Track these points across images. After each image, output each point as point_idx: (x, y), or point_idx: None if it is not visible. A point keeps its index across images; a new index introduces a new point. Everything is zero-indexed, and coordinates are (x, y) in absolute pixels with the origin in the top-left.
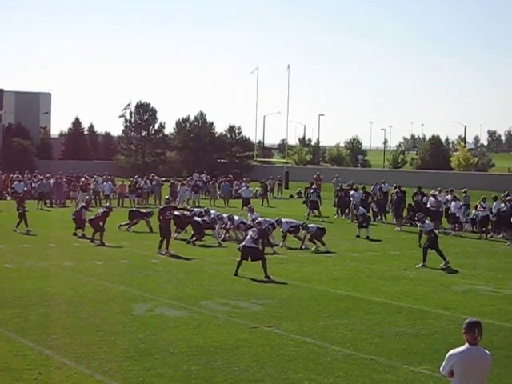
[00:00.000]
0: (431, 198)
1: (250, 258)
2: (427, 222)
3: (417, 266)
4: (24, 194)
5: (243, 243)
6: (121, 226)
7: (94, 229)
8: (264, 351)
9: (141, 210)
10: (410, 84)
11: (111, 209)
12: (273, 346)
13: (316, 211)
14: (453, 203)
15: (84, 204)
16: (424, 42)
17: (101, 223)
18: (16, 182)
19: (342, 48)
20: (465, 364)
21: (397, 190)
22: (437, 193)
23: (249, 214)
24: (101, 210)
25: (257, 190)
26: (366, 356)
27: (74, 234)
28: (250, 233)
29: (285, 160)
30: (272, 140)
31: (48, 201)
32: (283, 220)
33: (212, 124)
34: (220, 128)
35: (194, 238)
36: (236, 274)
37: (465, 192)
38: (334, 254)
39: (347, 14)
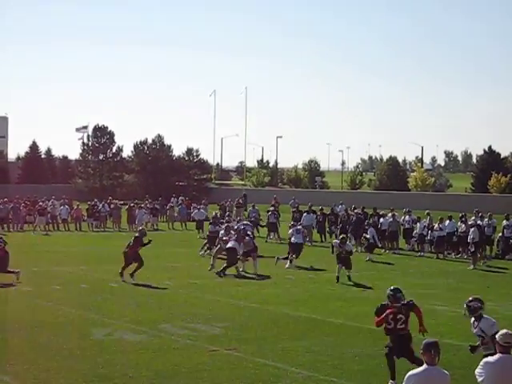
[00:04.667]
0: (390, 219)
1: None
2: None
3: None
4: None
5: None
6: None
7: (125, 261)
8: (223, 374)
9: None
10: (367, 105)
11: (144, 233)
12: (232, 369)
13: (275, 233)
14: (418, 224)
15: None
16: (379, 63)
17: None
18: None
19: (299, 70)
20: None
21: (356, 210)
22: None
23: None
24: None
25: (216, 213)
26: (325, 378)
27: None
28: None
29: (243, 182)
30: (230, 162)
31: (5, 225)
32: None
33: (170, 147)
34: (178, 151)
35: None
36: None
37: (428, 214)
38: (292, 276)
39: (303, 36)
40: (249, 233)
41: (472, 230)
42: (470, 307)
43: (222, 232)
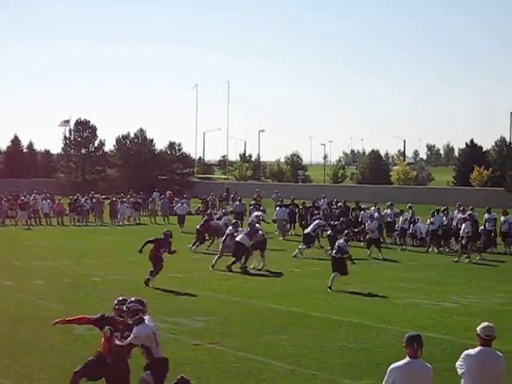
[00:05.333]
0: (375, 213)
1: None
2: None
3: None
4: None
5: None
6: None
7: (154, 266)
8: (206, 368)
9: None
10: (349, 99)
11: (169, 235)
12: (215, 363)
13: None
14: (400, 218)
15: None
16: (361, 57)
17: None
18: None
19: (280, 65)
20: (406, 377)
21: (340, 204)
22: (375, 208)
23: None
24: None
25: (198, 207)
26: (307, 371)
27: None
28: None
29: (225, 176)
30: (212, 156)
31: None
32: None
33: (152, 141)
34: (160, 145)
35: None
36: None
37: (410, 207)
38: (275, 270)
39: (284, 31)
40: (258, 225)
41: (465, 224)
42: (128, 309)
43: (231, 228)
